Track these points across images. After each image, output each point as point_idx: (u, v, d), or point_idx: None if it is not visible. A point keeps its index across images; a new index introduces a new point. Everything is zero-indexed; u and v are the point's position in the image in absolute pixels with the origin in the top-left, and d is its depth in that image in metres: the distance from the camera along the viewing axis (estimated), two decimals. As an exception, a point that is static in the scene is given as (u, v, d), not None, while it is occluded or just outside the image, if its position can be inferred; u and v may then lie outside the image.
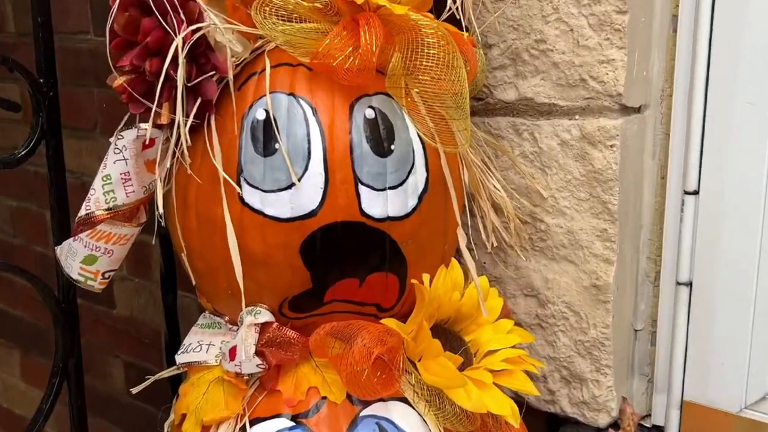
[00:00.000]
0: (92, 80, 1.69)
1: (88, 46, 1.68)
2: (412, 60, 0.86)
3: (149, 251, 1.51)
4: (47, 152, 0.95)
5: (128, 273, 1.73)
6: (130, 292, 1.76)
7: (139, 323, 1.76)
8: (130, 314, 1.78)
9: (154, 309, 1.61)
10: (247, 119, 0.86)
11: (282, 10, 0.85)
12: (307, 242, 0.86)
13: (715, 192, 1.01)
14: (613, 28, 0.96)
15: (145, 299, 1.71)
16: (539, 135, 1.04)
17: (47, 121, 0.93)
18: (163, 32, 0.81)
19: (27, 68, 0.93)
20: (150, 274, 1.66)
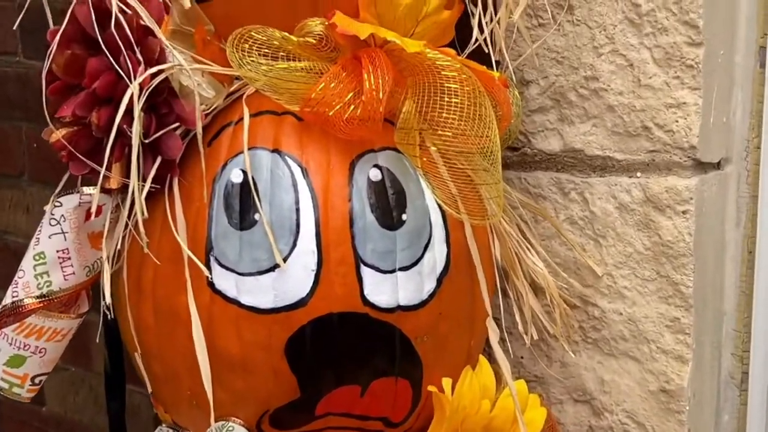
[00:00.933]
0: (20, 113, 1.71)
1: (16, 71, 1.71)
2: (429, 109, 0.88)
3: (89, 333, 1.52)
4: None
5: (62, 360, 1.74)
6: (64, 384, 1.76)
7: (75, 425, 1.76)
8: (64, 413, 1.78)
9: (95, 408, 1.61)
10: (219, 183, 0.88)
11: (265, 46, 0.88)
12: (294, 340, 0.87)
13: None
14: (684, 64, 0.98)
15: (83, 395, 1.72)
16: (591, 196, 1.05)
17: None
18: (115, 76, 0.83)
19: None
20: (90, 363, 1.67)
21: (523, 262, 1.04)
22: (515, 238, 1.04)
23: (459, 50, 0.96)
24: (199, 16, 0.89)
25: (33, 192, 1.74)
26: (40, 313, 0.91)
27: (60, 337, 0.94)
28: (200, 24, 0.89)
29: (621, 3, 1.00)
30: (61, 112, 0.86)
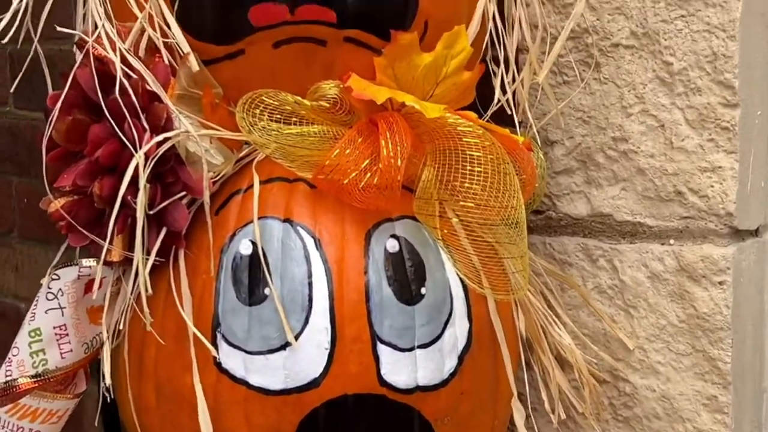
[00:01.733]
0: (10, 166, 1.72)
1: (7, 122, 1.72)
2: (450, 177, 0.89)
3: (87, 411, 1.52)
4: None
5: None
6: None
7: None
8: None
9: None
10: (227, 254, 0.88)
11: (277, 111, 0.89)
12: (306, 423, 0.87)
13: None
14: (719, 126, 0.99)
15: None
16: (621, 264, 1.06)
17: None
18: (119, 144, 0.84)
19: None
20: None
21: (549, 335, 1.05)
22: (540, 309, 1.04)
23: (481, 111, 0.98)
24: (207, 79, 0.90)
25: (23, 250, 1.74)
26: (35, 393, 0.91)
27: (56, 419, 0.94)
28: (208, 87, 0.90)
29: (651, 61, 1.01)
30: (61, 182, 0.86)
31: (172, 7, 0.89)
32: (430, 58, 0.91)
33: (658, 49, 1.01)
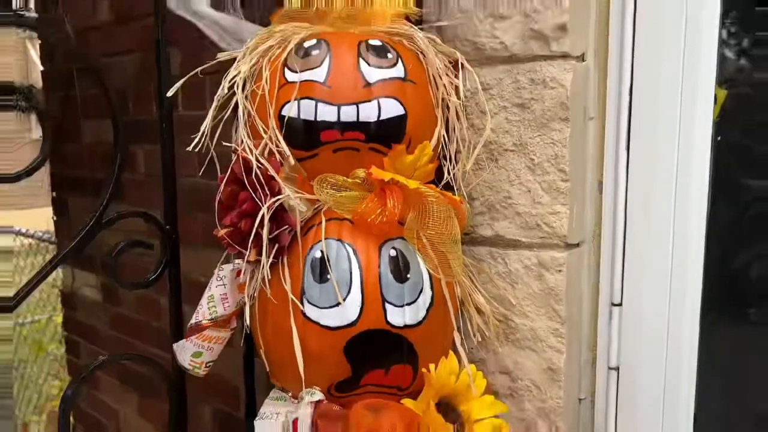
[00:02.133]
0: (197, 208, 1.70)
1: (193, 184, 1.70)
2: (422, 217, 0.88)
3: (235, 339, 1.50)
4: (169, 278, 0.96)
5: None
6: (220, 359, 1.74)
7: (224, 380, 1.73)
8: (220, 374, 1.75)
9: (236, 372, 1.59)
10: (308, 257, 0.88)
11: (334, 183, 0.88)
12: (349, 343, 0.86)
13: (635, 303, 1.00)
14: (558, 191, 0.98)
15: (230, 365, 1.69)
16: (509, 260, 1.05)
17: (170, 256, 0.95)
18: (254, 203, 0.84)
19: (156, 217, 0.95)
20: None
21: (473, 298, 1.03)
22: (467, 284, 1.02)
23: (437, 182, 0.97)
24: (299, 168, 0.90)
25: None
26: (211, 328, 0.91)
27: (221, 341, 0.94)
28: (299, 172, 0.90)
29: (523, 158, 1.00)
30: (224, 221, 0.86)
31: (281, 130, 0.88)
32: (411, 157, 0.90)
33: (527, 152, 1.00)
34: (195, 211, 1.71)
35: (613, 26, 0.98)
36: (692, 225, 0.97)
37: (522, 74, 0.99)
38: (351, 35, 0.93)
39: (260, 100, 0.89)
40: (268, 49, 0.92)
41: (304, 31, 0.93)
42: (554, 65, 0.96)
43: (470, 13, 1.02)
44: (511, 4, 0.97)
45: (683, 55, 0.94)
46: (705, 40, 0.93)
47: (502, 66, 1.01)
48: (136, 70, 1.82)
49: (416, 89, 0.92)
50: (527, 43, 0.97)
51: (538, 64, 0.97)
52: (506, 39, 0.99)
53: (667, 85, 0.95)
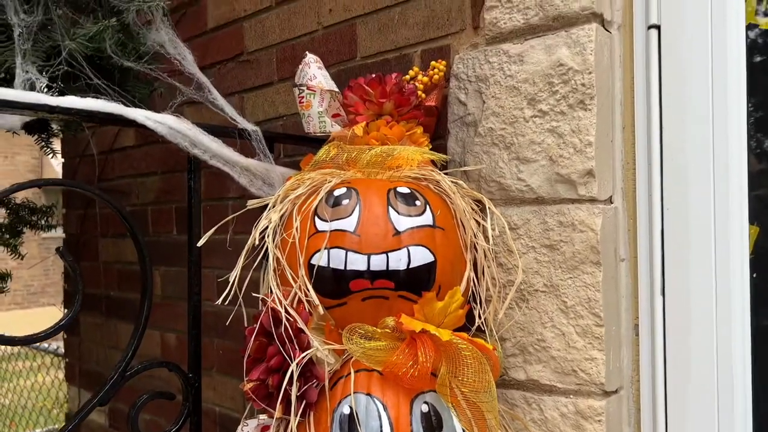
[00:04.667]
0: (213, 333, 1.72)
1: (212, 309, 1.73)
2: (455, 370, 0.88)
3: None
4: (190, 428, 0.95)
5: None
6: None
7: None
8: None
9: None
10: (336, 413, 0.87)
11: (363, 333, 0.89)
12: None
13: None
14: (593, 336, 0.98)
15: None
16: (544, 407, 1.03)
17: (193, 405, 0.94)
18: (283, 357, 0.85)
19: (180, 367, 0.96)
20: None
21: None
22: None
23: (468, 325, 0.98)
24: (327, 317, 0.91)
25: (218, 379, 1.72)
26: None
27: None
28: (328, 321, 0.91)
29: (555, 300, 1.02)
30: (251, 376, 0.86)
31: (310, 279, 0.91)
32: (441, 304, 0.92)
33: (559, 293, 1.01)
34: (212, 335, 1.73)
35: (639, 169, 1.03)
36: (737, 371, 0.96)
37: (550, 216, 1.02)
38: (380, 183, 0.98)
39: (290, 249, 0.92)
40: (298, 197, 0.97)
41: (334, 179, 0.98)
42: (582, 209, 0.99)
43: (495, 156, 1.07)
44: (536, 149, 1.03)
45: (713, 194, 0.97)
46: (734, 179, 0.96)
47: (529, 207, 1.05)
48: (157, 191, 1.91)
49: (444, 235, 0.95)
50: (554, 187, 1.01)
51: (565, 207, 1.01)
52: (532, 182, 1.03)
53: (698, 225, 0.98)
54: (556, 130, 1.01)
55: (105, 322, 2.16)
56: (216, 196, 1.64)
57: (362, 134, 1.05)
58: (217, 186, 1.57)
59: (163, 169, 1.87)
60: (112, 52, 1.05)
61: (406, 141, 1.06)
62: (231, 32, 1.63)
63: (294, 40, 1.47)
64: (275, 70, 1.52)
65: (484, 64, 1.10)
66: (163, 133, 0.89)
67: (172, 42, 1.16)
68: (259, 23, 1.55)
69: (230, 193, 1.61)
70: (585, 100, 0.98)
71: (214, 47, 1.68)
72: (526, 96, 1.04)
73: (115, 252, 2.11)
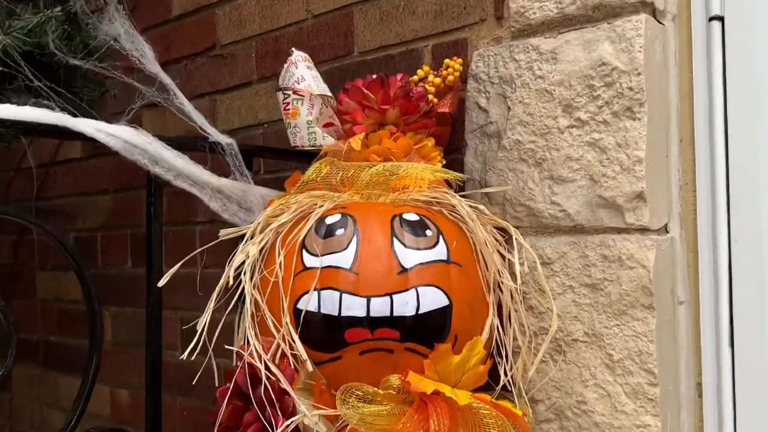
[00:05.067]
0: (176, 389, 1.71)
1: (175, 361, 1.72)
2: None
3: None
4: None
5: None
6: None
7: None
8: None
9: None
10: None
11: (361, 395, 0.89)
12: None
13: None
14: (646, 397, 0.97)
15: None
16: (587, 486, 1.02)
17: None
18: (263, 425, 0.84)
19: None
20: None
21: None
22: None
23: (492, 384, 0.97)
24: (317, 375, 0.91)
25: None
26: None
27: None
28: (318, 381, 0.91)
29: (598, 352, 1.01)
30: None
31: (297, 328, 0.91)
32: (458, 358, 0.92)
33: (603, 344, 1.01)
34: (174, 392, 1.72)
35: (701, 191, 1.03)
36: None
37: (591, 249, 1.02)
38: (382, 208, 0.98)
39: (272, 290, 0.93)
40: (282, 226, 0.97)
41: (326, 203, 0.98)
42: (631, 240, 0.99)
43: (524, 175, 1.08)
44: (573, 167, 1.03)
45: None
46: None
47: (565, 237, 1.05)
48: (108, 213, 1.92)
49: (462, 272, 0.95)
50: (595, 213, 1.02)
51: (610, 238, 1.01)
52: (569, 206, 1.04)
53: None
54: (598, 143, 1.01)
55: (43, 373, 2.16)
56: (181, 219, 1.65)
57: (361, 148, 1.06)
58: (182, 207, 1.57)
59: (115, 186, 1.88)
60: (56, 48, 1.06)
61: (414, 156, 1.07)
62: (201, 21, 1.66)
63: (278, 31, 1.48)
64: (254, 67, 1.53)
65: (509, 63, 1.11)
66: (117, 148, 0.90)
67: (129, 35, 1.17)
68: (235, 10, 1.57)
69: (198, 217, 1.62)
70: (633, 107, 0.98)
71: (180, 39, 1.70)
72: (560, 101, 1.05)
73: (55, 288, 2.11)
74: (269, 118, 1.50)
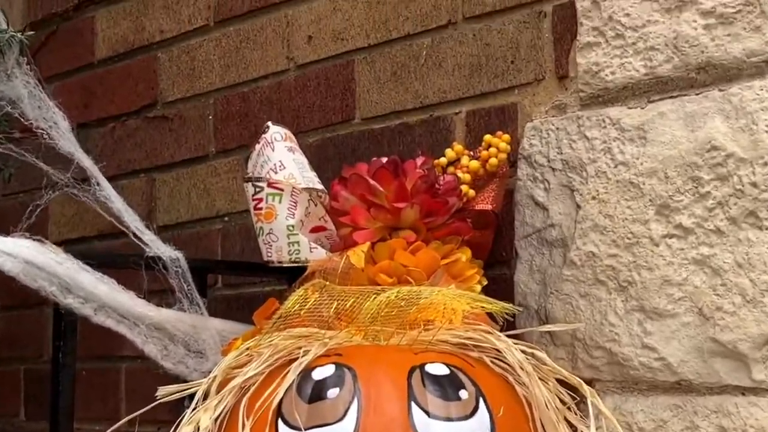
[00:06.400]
0: None
1: None
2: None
3: None
4: None
5: None
6: None
7: None
8: None
9: None
10: None
11: None
12: None
13: None
14: None
15: None
16: None
17: None
18: None
19: None
20: None
21: None
22: None
23: None
24: None
25: None
26: None
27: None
28: None
29: None
30: None
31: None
32: None
33: None
34: None
35: None
36: None
37: (702, 416, 1.02)
38: (395, 355, 0.99)
39: (234, 483, 0.92)
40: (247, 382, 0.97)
41: (313, 348, 0.98)
42: (762, 405, 0.99)
43: (602, 304, 1.08)
44: (674, 296, 1.04)
45: None
46: None
47: (664, 397, 1.05)
48: None
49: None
50: (708, 363, 1.02)
51: (731, 401, 1.01)
52: (669, 353, 1.04)
53: None
54: (709, 261, 1.02)
55: None
56: (100, 352, 1.65)
57: (364, 264, 1.07)
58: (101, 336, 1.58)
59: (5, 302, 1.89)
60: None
61: (441, 276, 1.08)
62: (136, 66, 1.70)
63: (246, 86, 1.52)
64: (212, 134, 1.57)
65: (577, 141, 1.13)
66: (14, 273, 0.91)
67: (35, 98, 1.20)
68: (185, 54, 1.62)
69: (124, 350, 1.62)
70: (758, 211, 1.00)
71: (107, 92, 1.74)
72: (652, 199, 1.06)
73: None
74: (232, 208, 1.52)
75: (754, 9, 1.02)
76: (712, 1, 1.04)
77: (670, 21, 1.07)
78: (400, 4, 1.33)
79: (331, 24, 1.41)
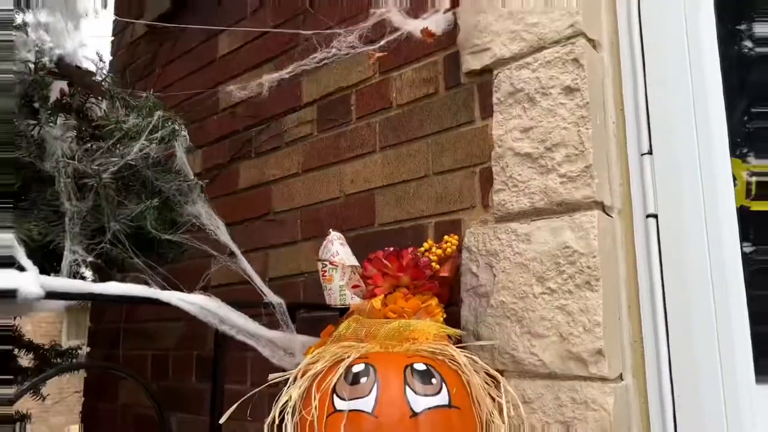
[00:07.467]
0: None
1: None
2: None
3: None
4: None
5: None
6: None
7: None
8: None
9: None
10: None
11: None
12: None
13: None
14: None
15: None
16: None
17: None
18: None
19: None
20: None
21: None
22: None
23: None
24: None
25: None
26: None
27: None
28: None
29: (573, 481, 0.97)
30: None
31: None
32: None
33: (576, 474, 0.97)
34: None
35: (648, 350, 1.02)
36: None
37: (563, 392, 1.00)
38: (397, 358, 0.97)
39: (309, 428, 0.91)
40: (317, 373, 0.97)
41: (353, 354, 0.98)
42: (594, 387, 0.98)
43: (508, 329, 1.08)
44: (547, 326, 1.03)
45: (722, 385, 0.96)
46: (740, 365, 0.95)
47: (542, 381, 1.03)
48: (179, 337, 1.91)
49: (460, 415, 0.93)
50: (566, 363, 1.01)
51: (578, 384, 0.99)
52: (545, 357, 1.03)
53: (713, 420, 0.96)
54: (565, 308, 1.02)
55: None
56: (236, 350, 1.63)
57: (380, 307, 1.07)
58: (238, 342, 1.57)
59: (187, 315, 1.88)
60: (152, 228, 1.10)
61: (421, 313, 1.08)
62: (259, 193, 1.72)
63: (317, 205, 1.54)
64: (299, 230, 1.58)
65: (493, 240, 1.14)
66: (194, 313, 0.91)
67: (208, 214, 1.22)
68: (285, 187, 1.64)
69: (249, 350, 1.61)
70: (591, 282, 1.00)
71: (243, 206, 1.76)
72: (534, 273, 1.06)
73: (134, 395, 2.07)
74: (309, 269, 1.52)
75: (586, 173, 1.04)
76: (564, 169, 1.06)
77: (542, 179, 1.09)
78: (399, 165, 1.35)
79: (363, 174, 1.43)
